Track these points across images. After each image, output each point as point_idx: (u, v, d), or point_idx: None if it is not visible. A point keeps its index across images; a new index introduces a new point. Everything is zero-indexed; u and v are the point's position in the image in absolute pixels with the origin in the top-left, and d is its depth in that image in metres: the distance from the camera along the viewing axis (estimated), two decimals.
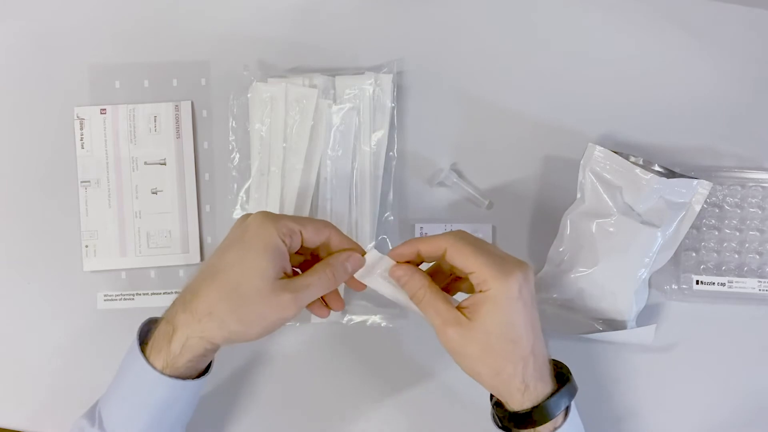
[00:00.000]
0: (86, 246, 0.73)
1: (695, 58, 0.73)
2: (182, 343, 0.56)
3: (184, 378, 0.57)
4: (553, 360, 0.60)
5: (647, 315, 0.71)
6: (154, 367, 0.56)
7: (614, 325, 0.70)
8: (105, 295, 0.73)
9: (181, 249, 0.73)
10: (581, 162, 0.69)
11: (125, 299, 0.73)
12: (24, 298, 0.73)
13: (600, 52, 0.73)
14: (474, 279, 0.56)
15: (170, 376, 0.56)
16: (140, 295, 0.73)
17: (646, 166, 0.68)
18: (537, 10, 0.73)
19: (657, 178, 0.67)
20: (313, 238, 0.59)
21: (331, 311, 0.63)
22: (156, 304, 0.73)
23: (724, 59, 0.73)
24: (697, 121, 0.73)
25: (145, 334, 0.59)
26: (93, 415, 0.60)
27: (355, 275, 0.60)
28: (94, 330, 0.73)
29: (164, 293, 0.73)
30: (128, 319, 0.72)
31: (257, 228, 0.57)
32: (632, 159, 0.68)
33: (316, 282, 0.58)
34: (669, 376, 0.71)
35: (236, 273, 0.56)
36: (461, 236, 0.58)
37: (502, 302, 0.55)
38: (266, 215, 0.58)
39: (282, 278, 0.57)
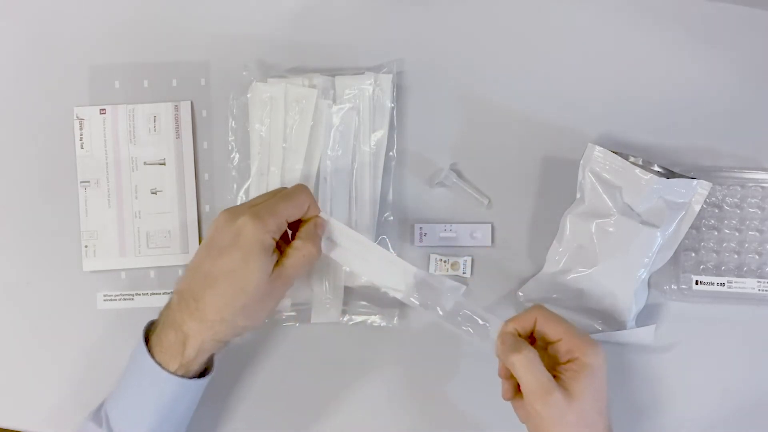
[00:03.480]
0: (86, 246, 0.73)
1: (695, 58, 0.73)
2: (197, 348, 0.60)
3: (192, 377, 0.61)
4: None
5: (647, 315, 0.71)
6: (164, 368, 0.59)
7: (614, 325, 0.70)
8: (105, 296, 0.73)
9: (181, 249, 0.73)
10: (581, 162, 0.69)
11: (125, 299, 0.73)
12: (24, 298, 0.73)
13: (600, 52, 0.73)
14: (562, 346, 0.59)
15: (182, 376, 0.60)
16: (140, 295, 0.73)
17: (646, 167, 0.68)
18: (537, 10, 0.73)
19: (656, 178, 0.67)
20: (295, 218, 0.62)
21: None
22: (156, 304, 0.72)
23: (724, 59, 0.73)
24: (697, 121, 0.72)
25: (146, 335, 0.62)
26: (99, 416, 0.62)
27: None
28: (94, 330, 0.73)
29: (164, 293, 0.73)
30: (128, 319, 0.73)
31: (252, 232, 0.59)
32: (632, 159, 0.68)
33: (300, 259, 0.61)
34: (669, 376, 0.71)
35: (240, 277, 0.59)
36: (544, 307, 0.62)
37: (599, 373, 0.58)
38: (254, 218, 0.59)
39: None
